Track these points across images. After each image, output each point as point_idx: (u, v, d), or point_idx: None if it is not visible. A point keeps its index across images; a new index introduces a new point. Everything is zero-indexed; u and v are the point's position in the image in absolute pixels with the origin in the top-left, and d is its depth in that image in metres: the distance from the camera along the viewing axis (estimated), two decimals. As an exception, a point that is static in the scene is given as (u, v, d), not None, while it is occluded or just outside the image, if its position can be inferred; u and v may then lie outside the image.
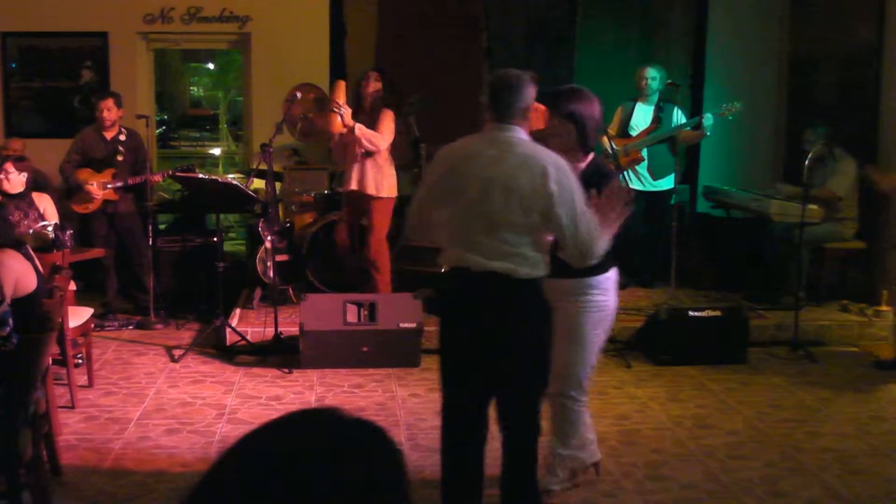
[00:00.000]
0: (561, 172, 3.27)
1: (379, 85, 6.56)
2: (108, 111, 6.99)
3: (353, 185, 6.54)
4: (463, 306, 3.38)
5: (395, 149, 6.75)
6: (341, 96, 6.48)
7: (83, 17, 8.35)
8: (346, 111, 6.41)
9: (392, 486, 1.03)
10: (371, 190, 6.53)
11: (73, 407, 5.15)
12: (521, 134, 3.36)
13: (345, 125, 6.41)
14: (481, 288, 3.30)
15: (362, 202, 6.63)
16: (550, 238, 3.37)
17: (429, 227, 3.54)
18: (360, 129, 6.40)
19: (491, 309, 3.31)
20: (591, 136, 3.84)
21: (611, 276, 3.83)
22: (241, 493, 0.98)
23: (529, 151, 3.32)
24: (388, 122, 6.51)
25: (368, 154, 6.50)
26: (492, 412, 3.49)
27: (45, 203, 6.08)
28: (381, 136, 6.45)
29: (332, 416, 1.07)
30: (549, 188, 3.22)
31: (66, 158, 7.07)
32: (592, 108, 3.82)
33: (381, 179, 6.55)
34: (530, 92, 3.39)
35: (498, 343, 3.32)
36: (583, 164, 3.81)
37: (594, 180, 3.56)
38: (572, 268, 3.43)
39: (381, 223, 6.62)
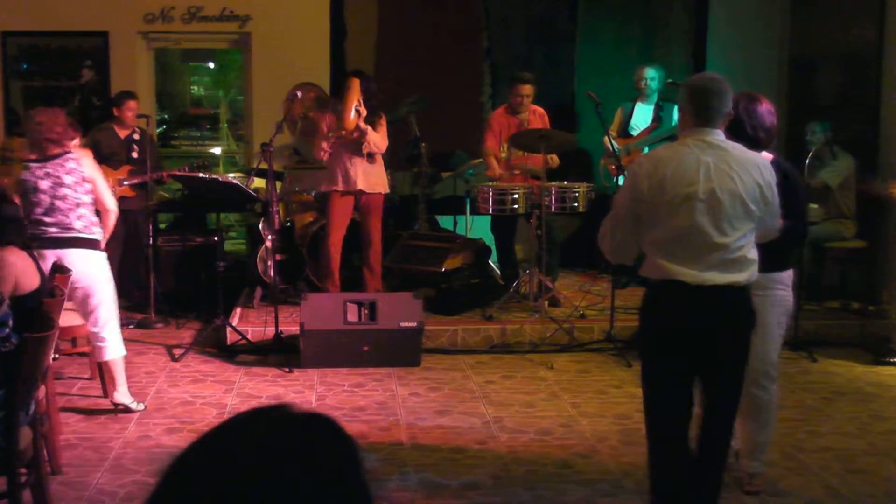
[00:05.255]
0: (765, 165, 3.34)
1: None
2: (133, 111, 7.14)
3: (360, 185, 6.64)
4: (685, 318, 3.29)
5: (394, 148, 6.77)
6: (357, 96, 6.52)
7: (83, 16, 8.35)
8: (363, 113, 6.52)
9: (346, 477, 1.02)
10: (379, 187, 6.74)
11: (106, 396, 5.12)
12: (724, 137, 3.33)
13: (358, 126, 6.48)
14: (704, 301, 3.25)
15: (362, 200, 6.73)
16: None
17: (634, 244, 3.42)
18: (370, 131, 6.54)
19: (713, 319, 3.28)
20: (756, 136, 3.85)
21: (791, 272, 4.03)
22: (192, 499, 0.97)
23: (741, 152, 3.31)
24: (385, 125, 6.73)
25: (371, 153, 6.65)
26: None
27: None
28: (385, 140, 6.70)
29: (280, 412, 1.06)
30: (764, 183, 3.26)
31: None
32: (754, 109, 3.87)
33: (383, 176, 6.81)
34: (731, 97, 3.37)
35: (716, 347, 3.32)
36: None
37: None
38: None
39: (380, 220, 6.82)
